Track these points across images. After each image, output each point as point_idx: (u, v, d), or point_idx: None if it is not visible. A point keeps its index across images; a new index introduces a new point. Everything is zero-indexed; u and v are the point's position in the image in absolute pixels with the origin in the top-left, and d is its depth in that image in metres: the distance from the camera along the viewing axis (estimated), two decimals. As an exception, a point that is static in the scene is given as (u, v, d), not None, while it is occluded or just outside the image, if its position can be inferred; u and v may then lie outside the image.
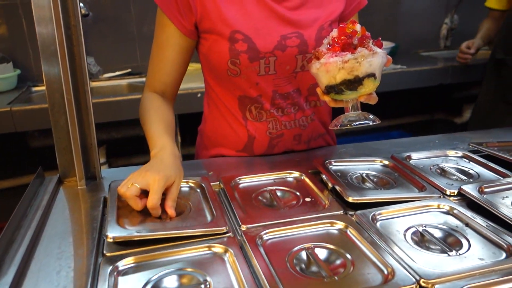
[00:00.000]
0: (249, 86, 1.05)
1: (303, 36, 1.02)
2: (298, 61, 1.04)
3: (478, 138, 1.20)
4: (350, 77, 0.82)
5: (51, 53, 0.92)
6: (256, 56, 1.00)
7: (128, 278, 0.66)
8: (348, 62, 0.81)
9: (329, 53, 0.82)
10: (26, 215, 0.85)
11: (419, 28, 3.05)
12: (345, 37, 0.81)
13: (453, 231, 0.76)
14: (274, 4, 1.01)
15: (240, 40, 0.99)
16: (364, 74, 0.82)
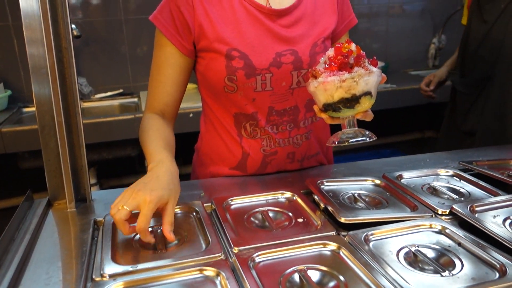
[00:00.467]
0: (246, 102, 1.06)
1: (297, 53, 1.04)
2: (294, 77, 1.05)
3: (468, 157, 1.21)
4: (348, 95, 0.84)
5: (42, 75, 0.92)
6: (252, 72, 1.02)
7: (117, 304, 0.65)
8: (346, 81, 0.83)
9: (327, 72, 0.85)
10: (14, 239, 0.83)
11: (408, 48, 3.11)
12: (342, 57, 0.84)
13: (446, 251, 0.76)
14: (268, 23, 1.03)
15: (236, 57, 1.01)
16: (361, 92, 0.85)
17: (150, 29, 2.69)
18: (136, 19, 2.55)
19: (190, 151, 1.40)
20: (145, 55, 2.61)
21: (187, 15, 1.01)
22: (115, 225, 0.88)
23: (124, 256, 0.77)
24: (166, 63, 1.06)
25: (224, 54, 1.01)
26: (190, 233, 0.85)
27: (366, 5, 2.98)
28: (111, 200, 1.01)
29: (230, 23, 1.02)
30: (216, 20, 1.01)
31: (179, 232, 0.85)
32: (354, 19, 1.16)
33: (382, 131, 3.05)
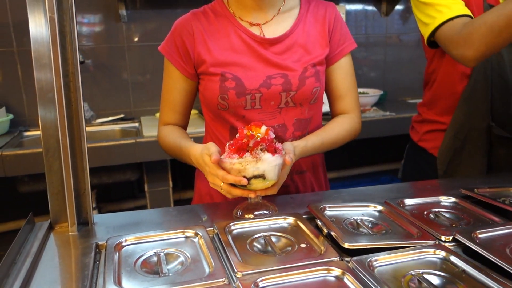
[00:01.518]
0: (236, 119, 1.16)
1: (287, 76, 1.13)
2: (282, 98, 1.14)
3: (469, 184, 1.22)
4: (240, 176, 0.96)
5: (48, 99, 0.93)
6: (243, 92, 1.12)
7: (120, 329, 0.64)
8: (235, 164, 0.95)
9: (226, 153, 0.98)
10: (15, 263, 0.82)
11: (405, 76, 3.16)
12: (242, 140, 0.96)
13: (450, 278, 0.76)
14: (261, 50, 1.14)
15: (229, 79, 1.12)
16: (250, 175, 0.95)
17: (153, 56, 2.75)
18: (138, 46, 2.59)
19: (190, 177, 1.40)
20: (147, 81, 2.65)
21: (188, 44, 1.15)
22: (117, 249, 0.87)
23: (127, 280, 0.77)
24: (173, 87, 1.21)
25: (219, 76, 1.12)
26: (193, 258, 0.84)
27: (364, 34, 3.05)
28: (112, 224, 1.02)
29: (226, 50, 1.14)
30: (213, 48, 1.14)
31: (181, 256, 0.85)
32: (352, 44, 1.22)
33: (381, 158, 3.08)
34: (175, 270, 0.81)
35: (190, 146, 1.09)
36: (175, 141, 1.17)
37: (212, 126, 1.23)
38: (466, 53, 1.16)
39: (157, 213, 1.14)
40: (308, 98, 1.15)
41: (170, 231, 0.94)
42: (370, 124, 2.50)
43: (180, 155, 1.16)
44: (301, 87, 1.13)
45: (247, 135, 0.97)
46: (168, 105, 1.23)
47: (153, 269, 0.82)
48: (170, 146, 1.19)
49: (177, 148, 1.16)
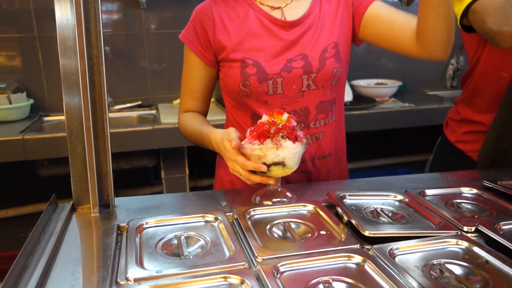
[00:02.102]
0: (258, 105, 1.15)
1: (307, 58, 1.13)
2: (304, 81, 1.13)
3: (491, 176, 1.20)
4: (260, 162, 0.96)
5: (73, 81, 0.95)
6: (264, 77, 1.11)
7: (143, 308, 0.65)
8: (255, 151, 0.95)
9: (247, 138, 0.98)
10: (40, 241, 0.84)
11: (426, 68, 3.11)
12: (263, 127, 0.97)
13: (473, 268, 0.75)
14: (282, 33, 1.13)
15: (250, 65, 1.11)
16: (270, 162, 0.96)
17: (171, 44, 2.75)
18: (157, 33, 2.60)
19: (207, 164, 1.41)
20: (165, 69, 2.65)
21: (208, 31, 1.14)
22: (138, 231, 0.88)
23: (148, 261, 0.78)
24: (193, 74, 1.21)
25: (240, 62, 1.12)
26: (213, 242, 0.85)
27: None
28: (133, 207, 1.03)
29: (246, 35, 1.13)
30: (233, 34, 1.13)
31: (203, 240, 0.86)
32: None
33: (398, 150, 3.05)
34: (195, 253, 0.82)
35: (210, 132, 1.10)
36: (195, 127, 1.18)
37: (234, 113, 1.23)
38: (505, 28, 1.07)
39: (177, 197, 1.15)
40: (330, 79, 1.14)
41: (190, 215, 0.95)
42: (388, 115, 2.47)
43: (201, 141, 1.16)
44: (322, 68, 1.12)
45: (269, 121, 0.97)
46: (189, 92, 1.23)
47: (174, 252, 0.82)
48: (191, 131, 1.20)
49: (197, 133, 1.16)
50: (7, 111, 2.24)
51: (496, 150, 1.32)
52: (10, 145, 1.97)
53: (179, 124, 1.26)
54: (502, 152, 1.32)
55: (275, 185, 1.03)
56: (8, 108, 2.24)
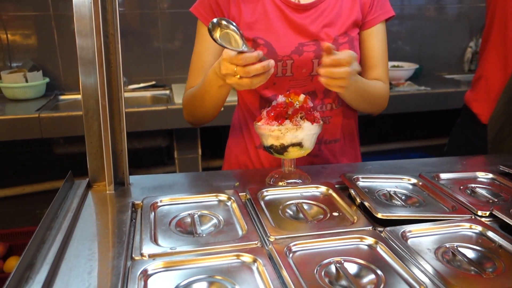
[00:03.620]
0: (266, 85, 1.12)
1: (319, 44, 1.11)
2: (314, 65, 1.12)
3: (507, 161, 1.18)
4: (277, 144, 0.97)
5: (89, 59, 0.95)
6: (274, 58, 1.06)
7: (156, 282, 0.66)
8: (274, 131, 0.95)
9: (265, 119, 0.97)
10: (57, 217, 0.86)
11: (443, 51, 3.05)
12: (280, 107, 0.95)
13: (486, 253, 0.75)
14: (295, 16, 1.11)
15: (261, 45, 1.10)
16: (289, 143, 0.96)
17: (185, 23, 2.73)
18: (171, 13, 2.58)
19: (219, 145, 1.41)
20: (178, 49, 2.64)
21: (223, 7, 1.13)
22: (153, 208, 0.90)
23: (162, 238, 0.79)
24: (206, 50, 1.15)
25: (251, 41, 1.11)
26: (226, 221, 0.86)
27: (399, 6, 2.94)
28: (147, 185, 1.04)
29: (259, 15, 1.11)
30: (246, 12, 1.12)
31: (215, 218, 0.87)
32: (390, 11, 1.17)
33: (411, 134, 3.02)
34: (208, 232, 0.83)
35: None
36: (196, 86, 1.13)
37: (243, 94, 1.22)
38: None
39: (190, 177, 1.16)
40: None
41: (203, 194, 0.96)
42: (403, 98, 2.43)
43: (203, 90, 1.07)
44: None
45: (286, 102, 0.96)
46: (197, 70, 1.17)
47: (187, 230, 0.84)
48: (193, 93, 1.13)
49: (199, 87, 1.10)
50: (23, 89, 2.26)
51: (506, 113, 1.37)
52: (27, 123, 2.00)
53: (183, 99, 1.20)
54: (509, 118, 1.36)
55: (290, 166, 1.03)
56: (24, 87, 2.26)
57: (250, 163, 1.23)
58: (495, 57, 1.43)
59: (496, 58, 1.43)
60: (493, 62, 1.44)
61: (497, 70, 1.42)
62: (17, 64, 2.44)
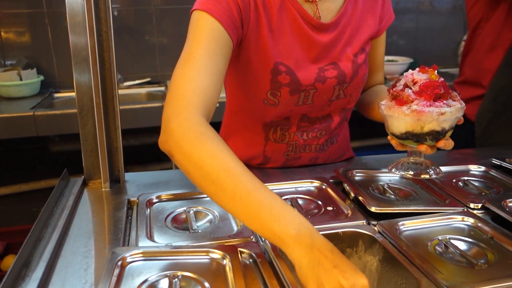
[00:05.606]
0: (282, 113, 1.02)
1: (339, 67, 1.01)
2: (335, 91, 1.02)
3: (501, 154, 1.19)
4: (438, 128, 0.80)
5: (83, 58, 0.95)
6: (297, 89, 0.98)
7: (135, 271, 0.67)
8: (444, 114, 0.78)
9: (422, 101, 0.79)
10: (53, 214, 0.86)
11: (438, 45, 3.06)
12: (436, 87, 0.79)
13: (478, 244, 0.76)
14: (314, 36, 0.97)
15: (283, 72, 0.95)
16: (449, 127, 0.81)
17: (180, 20, 2.72)
18: (166, 9, 2.58)
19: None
20: (173, 46, 2.64)
21: (243, 12, 0.90)
22: (148, 205, 0.90)
23: (158, 234, 0.80)
24: (221, 53, 0.85)
25: (271, 68, 0.95)
26: (221, 216, 0.87)
27: (394, 0, 2.94)
28: (142, 182, 1.05)
29: (279, 33, 0.95)
30: (267, 29, 0.94)
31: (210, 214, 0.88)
32: (393, 15, 1.11)
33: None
34: (204, 227, 0.84)
35: (311, 228, 0.63)
36: (255, 187, 0.66)
37: (244, 114, 1.07)
38: None
39: (186, 173, 1.17)
40: (359, 87, 1.05)
41: (198, 191, 0.96)
42: (398, 93, 2.44)
43: (250, 214, 0.65)
44: (355, 77, 1.02)
45: (431, 79, 0.80)
46: (210, 79, 0.80)
47: (183, 226, 0.84)
48: (226, 167, 0.67)
49: (246, 188, 0.65)
50: (17, 87, 2.26)
51: (492, 110, 1.40)
52: (22, 121, 2.00)
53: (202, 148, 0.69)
54: (497, 113, 1.40)
55: (419, 155, 0.86)
56: (18, 85, 2.25)
57: (251, 157, 1.14)
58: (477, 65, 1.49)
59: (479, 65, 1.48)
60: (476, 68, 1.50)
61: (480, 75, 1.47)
62: (11, 62, 2.43)
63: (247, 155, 1.13)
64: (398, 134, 0.83)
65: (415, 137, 0.81)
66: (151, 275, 0.66)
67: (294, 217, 0.63)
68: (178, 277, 0.66)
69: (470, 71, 1.51)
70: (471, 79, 1.50)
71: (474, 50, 1.49)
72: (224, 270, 0.67)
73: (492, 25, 1.41)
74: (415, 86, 0.80)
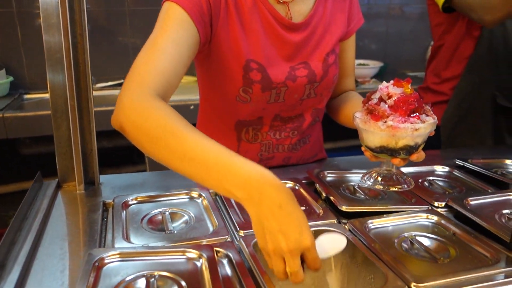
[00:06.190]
0: (254, 111, 1.05)
1: (310, 66, 1.04)
2: (306, 90, 1.06)
3: (464, 155, 1.25)
4: (412, 143, 0.82)
5: (57, 59, 0.95)
6: (268, 86, 1.01)
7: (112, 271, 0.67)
8: (418, 130, 0.80)
9: (397, 116, 0.80)
10: (27, 218, 0.86)
11: (407, 49, 3.16)
12: (409, 101, 0.80)
13: (441, 240, 0.80)
14: (285, 35, 1.00)
15: (254, 70, 0.98)
16: (422, 141, 0.83)
17: (153, 21, 2.70)
18: (139, 10, 2.56)
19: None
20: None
21: (213, 8, 0.92)
22: (124, 207, 0.91)
23: (134, 236, 0.80)
24: (186, 42, 0.87)
25: (243, 64, 0.98)
26: (197, 217, 0.88)
27: (366, 5, 3.02)
28: (118, 184, 1.05)
29: (251, 31, 0.97)
30: (239, 26, 0.96)
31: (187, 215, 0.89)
32: (362, 18, 1.15)
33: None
34: (179, 228, 0.85)
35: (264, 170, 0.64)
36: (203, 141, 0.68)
37: (216, 112, 1.10)
38: (484, 17, 1.31)
39: (161, 175, 1.17)
40: (329, 87, 1.09)
41: (174, 192, 0.97)
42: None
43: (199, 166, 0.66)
44: (325, 77, 1.06)
45: (406, 93, 0.80)
46: (169, 62, 0.82)
47: (159, 227, 0.85)
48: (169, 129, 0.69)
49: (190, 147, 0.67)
50: (-14, 88, 2.20)
51: (457, 115, 1.50)
52: (-10, 123, 1.95)
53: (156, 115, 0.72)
54: (461, 118, 1.50)
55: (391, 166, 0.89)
56: (-13, 86, 2.20)
57: None
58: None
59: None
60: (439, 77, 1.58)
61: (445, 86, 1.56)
62: (-22, 63, 2.37)
63: None
64: (373, 148, 0.86)
65: (389, 151, 0.84)
66: (128, 275, 0.67)
67: (243, 172, 0.63)
68: (155, 276, 0.67)
69: (433, 78, 1.59)
70: (434, 87, 1.58)
71: (437, 60, 1.58)
72: (200, 270, 0.69)
73: (453, 37, 1.50)
74: (390, 100, 0.81)
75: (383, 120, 0.81)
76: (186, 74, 1.09)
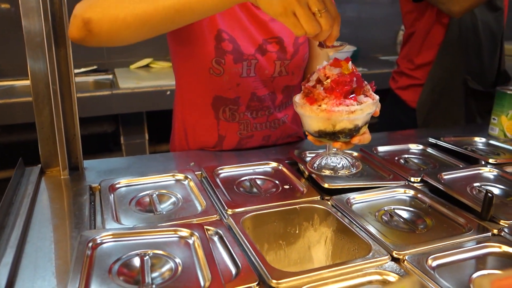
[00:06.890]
0: (230, 87, 1.08)
1: (283, 42, 1.07)
2: (277, 67, 1.09)
3: (437, 134, 1.31)
4: (351, 126, 0.78)
5: (36, 44, 0.93)
6: (240, 57, 1.04)
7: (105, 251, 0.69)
8: (354, 112, 0.76)
9: (332, 99, 0.76)
10: (13, 203, 0.86)
11: (378, 34, 3.22)
12: (346, 82, 0.76)
13: (418, 212, 0.85)
14: (257, 11, 1.05)
15: (226, 40, 1.02)
16: (363, 123, 0.80)
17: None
18: (111, -6, 2.51)
19: (166, 129, 1.42)
20: None
21: None
22: (111, 190, 0.92)
23: (124, 217, 0.82)
24: None
25: (214, 35, 1.01)
26: (184, 198, 0.90)
27: (339, -10, 3.06)
28: (102, 169, 1.05)
29: None
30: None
31: (174, 196, 0.91)
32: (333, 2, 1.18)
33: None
34: (168, 209, 0.87)
35: None
36: None
37: (193, 90, 1.12)
38: (452, 8, 1.37)
39: (145, 159, 1.19)
40: (300, 65, 1.13)
41: (160, 175, 0.99)
42: (343, 80, 2.56)
43: None
44: (295, 55, 1.10)
45: (343, 73, 0.77)
46: None
47: (147, 208, 0.87)
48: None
49: None
50: (-48, 76, 2.12)
51: (431, 99, 1.57)
52: (-40, 111, 1.89)
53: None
54: (435, 102, 1.57)
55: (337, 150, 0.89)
56: (-47, 73, 2.12)
57: (206, 134, 1.17)
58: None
59: None
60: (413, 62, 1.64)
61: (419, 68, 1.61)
62: None
63: (204, 138, 1.17)
64: (312, 132, 0.83)
65: (328, 135, 0.81)
66: (122, 254, 0.68)
67: None
68: (149, 254, 0.69)
69: (407, 64, 1.65)
70: (407, 72, 1.64)
71: (409, 46, 1.63)
72: (193, 247, 0.71)
73: (423, 24, 1.55)
74: (327, 81, 0.78)
75: (318, 104, 0.78)
76: (161, 60, 1.10)
